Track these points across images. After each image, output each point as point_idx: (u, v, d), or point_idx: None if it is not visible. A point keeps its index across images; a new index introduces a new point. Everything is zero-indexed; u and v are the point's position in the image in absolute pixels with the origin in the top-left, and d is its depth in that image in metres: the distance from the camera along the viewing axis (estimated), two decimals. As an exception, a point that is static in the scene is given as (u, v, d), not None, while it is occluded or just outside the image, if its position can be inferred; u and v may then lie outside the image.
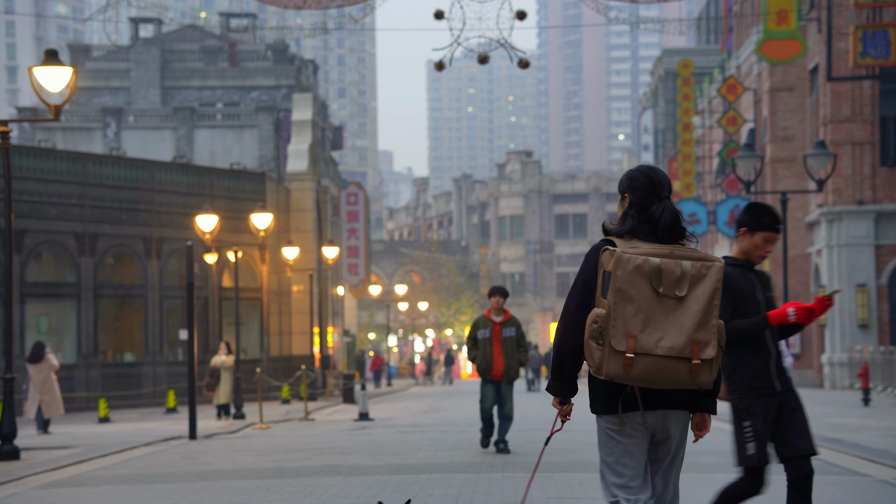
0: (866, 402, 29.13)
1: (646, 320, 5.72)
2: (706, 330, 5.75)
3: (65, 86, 18.17)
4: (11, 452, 18.49)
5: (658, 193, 5.95)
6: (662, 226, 5.87)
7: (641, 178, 5.98)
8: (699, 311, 5.75)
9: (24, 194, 36.48)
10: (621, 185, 6.05)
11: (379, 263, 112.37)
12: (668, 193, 5.99)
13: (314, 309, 46.38)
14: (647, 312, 5.73)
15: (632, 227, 5.91)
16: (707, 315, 5.75)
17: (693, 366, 5.72)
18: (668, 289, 5.74)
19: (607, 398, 5.90)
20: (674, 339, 5.72)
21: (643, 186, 5.96)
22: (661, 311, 5.74)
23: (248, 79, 67.91)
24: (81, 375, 38.30)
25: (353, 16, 29.68)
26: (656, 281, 5.74)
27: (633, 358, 5.69)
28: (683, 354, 5.71)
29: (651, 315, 5.73)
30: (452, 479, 13.68)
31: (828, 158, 29.35)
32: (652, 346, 5.70)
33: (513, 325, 17.09)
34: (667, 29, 33.19)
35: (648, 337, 5.71)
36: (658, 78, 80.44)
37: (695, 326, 5.73)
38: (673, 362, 5.71)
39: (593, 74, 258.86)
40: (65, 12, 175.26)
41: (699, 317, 5.74)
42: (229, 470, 15.85)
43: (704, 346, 5.74)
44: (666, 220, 5.87)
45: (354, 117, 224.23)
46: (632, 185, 5.99)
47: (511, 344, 17.01)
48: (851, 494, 12.17)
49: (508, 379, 17.07)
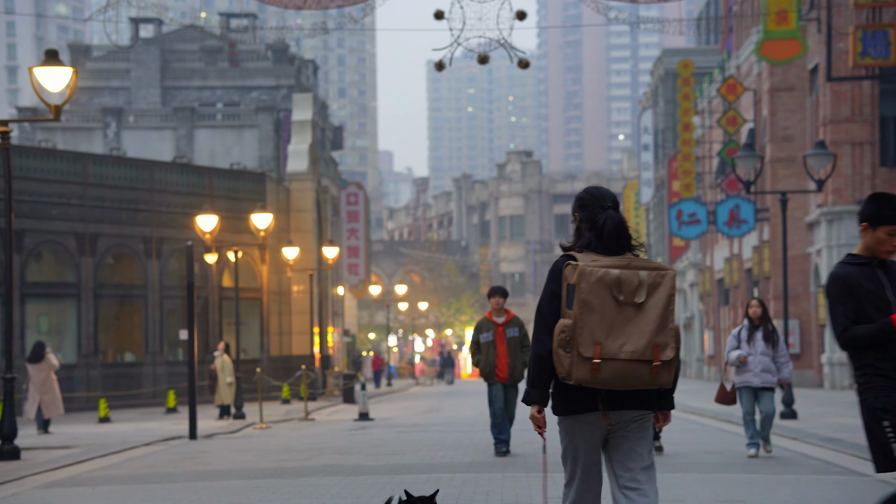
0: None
1: (609, 327, 6.17)
2: (664, 333, 6.20)
3: (65, 86, 18.18)
4: (12, 452, 18.50)
5: (602, 206, 6.40)
6: (606, 232, 6.31)
7: (587, 197, 6.47)
8: (657, 317, 6.21)
9: (24, 194, 36.49)
10: (573, 207, 6.52)
11: (379, 263, 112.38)
12: (613, 205, 6.42)
13: (314, 309, 46.40)
14: (610, 320, 6.17)
15: (588, 241, 6.35)
16: (664, 320, 6.22)
17: (654, 367, 6.17)
18: (627, 297, 6.19)
19: (571, 401, 6.28)
20: (635, 343, 6.16)
21: (589, 203, 6.44)
22: (622, 318, 6.19)
23: (249, 79, 67.93)
24: (82, 375, 38.32)
25: (353, 16, 29.70)
26: (616, 290, 6.18)
27: (600, 363, 6.13)
28: (645, 357, 6.16)
29: (614, 322, 6.18)
30: (452, 479, 13.70)
31: (827, 158, 29.36)
32: (616, 351, 6.14)
33: (516, 325, 16.75)
34: (667, 29, 33.20)
35: (612, 343, 6.15)
36: (658, 78, 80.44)
37: (654, 331, 6.19)
38: (635, 365, 6.16)
39: (593, 74, 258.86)
40: (65, 12, 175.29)
41: (657, 322, 6.20)
42: (229, 470, 15.86)
43: (663, 349, 6.19)
44: (609, 226, 6.31)
45: (354, 117, 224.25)
46: (580, 203, 6.48)
47: (515, 344, 16.66)
48: (851, 494, 12.20)
49: (513, 381, 16.70)
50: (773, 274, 45.76)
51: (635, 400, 6.32)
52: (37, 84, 18.26)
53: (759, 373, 15.59)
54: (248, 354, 44.36)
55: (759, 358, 15.59)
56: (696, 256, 66.02)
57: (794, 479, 13.47)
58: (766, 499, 11.75)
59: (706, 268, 61.83)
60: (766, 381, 15.61)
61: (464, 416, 29.08)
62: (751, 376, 15.62)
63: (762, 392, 15.68)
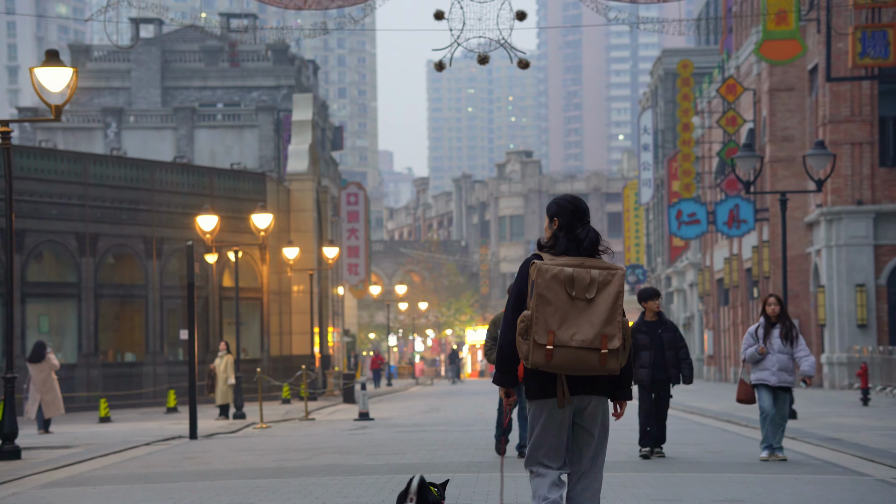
0: (865, 401, 29.17)
1: (562, 319, 6.98)
2: (612, 325, 7.00)
3: (65, 86, 18.21)
4: (13, 452, 18.52)
5: (582, 219, 7.27)
6: (587, 244, 7.18)
7: (568, 206, 7.28)
8: (606, 311, 7.01)
9: (24, 194, 36.52)
10: (550, 210, 7.30)
11: (379, 263, 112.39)
12: (589, 219, 7.32)
13: (314, 309, 46.41)
14: (563, 312, 6.99)
15: (565, 248, 7.17)
16: (613, 313, 7.01)
17: (602, 355, 6.97)
18: (579, 293, 7.01)
19: (538, 386, 7.08)
20: (585, 333, 6.97)
21: (569, 213, 7.26)
22: (574, 310, 7.00)
23: (249, 79, 67.95)
24: (82, 375, 38.35)
25: (354, 16, 29.71)
26: (570, 286, 7.00)
27: (553, 349, 6.94)
28: (594, 346, 6.96)
29: (566, 314, 6.99)
30: (452, 479, 13.72)
31: (827, 158, 29.37)
32: (567, 340, 6.96)
33: None
34: (666, 29, 33.20)
35: (564, 332, 6.97)
36: (658, 78, 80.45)
37: (602, 323, 6.99)
38: (585, 352, 6.96)
39: (593, 74, 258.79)
40: (65, 13, 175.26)
41: (606, 315, 7.00)
42: (230, 469, 15.88)
43: (611, 339, 6.99)
44: (590, 239, 7.19)
45: (354, 117, 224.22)
46: (560, 211, 7.27)
47: None
48: (851, 494, 12.21)
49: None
50: (773, 274, 45.77)
51: (595, 388, 7.12)
52: (37, 84, 18.29)
53: (776, 371, 15.24)
54: (248, 354, 44.38)
55: (777, 356, 15.23)
56: (695, 256, 66.04)
57: (793, 478, 13.48)
58: (765, 499, 11.77)
59: (706, 268, 61.84)
60: (783, 381, 15.24)
61: (464, 416, 29.11)
62: (767, 374, 15.27)
63: (779, 392, 15.33)
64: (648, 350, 15.93)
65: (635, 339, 15.75)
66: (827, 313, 39.69)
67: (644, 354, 15.97)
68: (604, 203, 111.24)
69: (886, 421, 23.22)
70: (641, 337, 15.97)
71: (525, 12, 23.88)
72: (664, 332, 15.98)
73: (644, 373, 15.97)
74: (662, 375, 15.89)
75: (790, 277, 38.93)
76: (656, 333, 15.96)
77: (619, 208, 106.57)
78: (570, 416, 7.12)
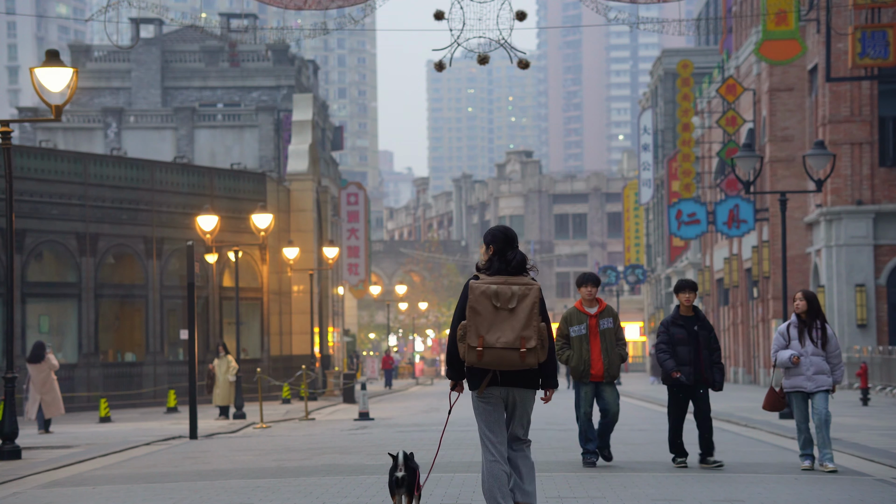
0: (865, 401, 29.18)
1: (489, 325, 8.87)
2: (529, 329, 8.84)
3: (66, 86, 18.22)
4: (13, 452, 18.54)
5: (511, 245, 9.09)
6: (514, 264, 9.00)
7: (500, 235, 9.12)
8: (524, 318, 8.86)
9: (25, 194, 36.55)
10: (486, 238, 9.13)
11: (379, 263, 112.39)
12: (517, 244, 9.10)
13: (314, 309, 46.43)
14: (490, 320, 8.88)
15: (498, 269, 9.01)
16: (529, 320, 8.85)
17: (521, 353, 8.84)
18: (503, 304, 8.88)
19: (477, 380, 9.02)
20: (508, 336, 8.84)
21: (502, 241, 9.09)
22: (499, 319, 8.88)
23: (249, 79, 67.97)
24: (82, 375, 38.36)
25: (354, 16, 29.72)
26: (495, 300, 8.88)
27: (483, 350, 8.83)
28: (515, 346, 8.83)
29: (493, 322, 8.87)
30: (452, 479, 13.73)
31: (827, 158, 29.37)
32: (494, 342, 8.85)
33: (609, 316, 14.91)
34: (666, 29, 33.21)
35: (491, 336, 8.85)
36: (657, 78, 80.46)
37: (521, 327, 8.84)
38: (508, 352, 8.85)
39: (593, 75, 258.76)
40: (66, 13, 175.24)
41: (524, 321, 8.85)
42: (230, 469, 15.89)
43: (528, 340, 8.83)
44: (517, 260, 9.01)
45: (354, 117, 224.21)
46: (494, 239, 9.10)
47: (610, 337, 14.86)
48: (850, 493, 12.22)
49: (609, 377, 14.90)
50: (773, 274, 45.79)
51: (524, 380, 9.04)
52: (38, 84, 18.30)
53: (811, 376, 14.06)
54: (248, 354, 44.39)
55: (811, 359, 14.02)
56: (695, 256, 66.05)
57: (793, 478, 13.50)
58: (765, 499, 11.79)
59: (706, 268, 61.86)
60: (820, 385, 14.09)
61: (464, 416, 29.08)
62: (802, 380, 14.08)
63: (815, 394, 14.14)
64: (687, 346, 14.56)
65: (671, 332, 14.58)
66: (827, 313, 39.70)
67: (682, 350, 14.60)
68: (604, 203, 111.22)
69: (886, 421, 23.22)
70: (678, 330, 14.65)
71: (525, 12, 23.88)
72: (700, 329, 14.62)
73: (686, 371, 14.56)
74: (701, 375, 14.53)
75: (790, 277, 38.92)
76: (692, 329, 14.60)
77: (619, 208, 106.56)
78: (502, 402, 9.08)
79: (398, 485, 9.74)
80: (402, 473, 9.73)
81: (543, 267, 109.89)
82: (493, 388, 9.02)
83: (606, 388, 14.98)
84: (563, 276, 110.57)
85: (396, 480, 9.73)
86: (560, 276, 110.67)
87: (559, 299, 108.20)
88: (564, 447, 17.83)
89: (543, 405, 13.50)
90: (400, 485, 9.71)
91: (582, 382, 14.95)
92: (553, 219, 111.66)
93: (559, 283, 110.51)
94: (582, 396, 15.00)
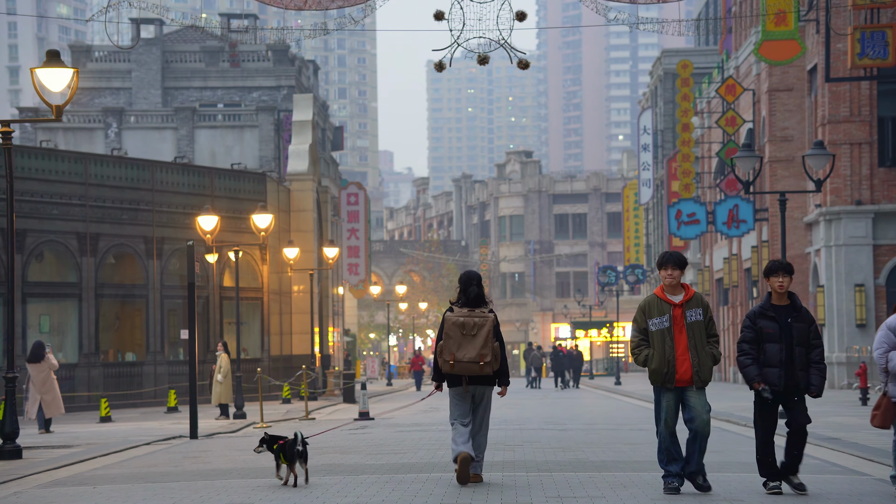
0: (864, 401, 29.21)
1: (458, 346, 13.04)
2: (486, 348, 13.00)
3: (66, 86, 18.26)
4: (14, 451, 18.57)
5: (472, 283, 13.21)
6: (472, 298, 13.18)
7: (464, 278, 13.27)
8: (482, 341, 13.01)
9: (25, 194, 36.57)
10: (459, 280, 13.30)
11: (379, 263, 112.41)
12: (478, 283, 13.26)
13: (314, 309, 46.45)
14: (458, 342, 13.05)
15: (464, 302, 13.19)
16: (486, 342, 12.99)
17: (480, 365, 13.02)
18: (468, 331, 13.03)
19: (450, 380, 13.27)
20: (471, 353, 13.02)
21: (465, 282, 13.25)
22: (466, 341, 13.04)
23: (249, 79, 67.98)
24: (83, 375, 38.39)
25: (354, 16, 29.75)
26: (461, 328, 13.04)
27: (454, 363, 13.02)
28: (475, 360, 13.02)
29: (461, 343, 13.04)
30: (452, 479, 13.75)
31: (826, 159, 29.41)
32: (462, 357, 13.03)
33: (699, 306, 12.01)
34: (666, 29, 33.25)
35: (460, 353, 13.03)
36: (657, 78, 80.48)
37: (480, 347, 13.02)
38: (471, 364, 13.04)
39: (593, 75, 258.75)
40: (66, 13, 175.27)
41: (482, 343, 13.01)
42: (230, 469, 15.92)
43: (485, 356, 13.00)
44: (473, 294, 13.17)
45: (355, 117, 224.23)
46: (461, 281, 13.26)
47: (699, 332, 11.94)
48: (851, 494, 12.24)
49: (700, 382, 11.91)
50: (773, 274, 45.74)
51: (484, 380, 13.23)
52: (38, 84, 18.34)
53: None
54: (248, 354, 44.42)
55: None
56: (695, 256, 66.07)
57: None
58: (765, 498, 11.81)
59: (705, 268, 61.89)
60: None
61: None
62: None
63: None
64: (777, 343, 11.81)
65: (759, 327, 11.82)
66: (826, 313, 39.73)
67: (772, 349, 11.83)
68: (603, 203, 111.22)
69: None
70: (767, 324, 11.87)
71: (525, 12, 23.91)
72: (795, 321, 11.85)
73: (774, 374, 11.80)
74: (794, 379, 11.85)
75: (790, 277, 38.90)
76: (786, 322, 11.82)
77: (618, 208, 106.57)
78: (469, 396, 13.24)
79: (299, 456, 13.20)
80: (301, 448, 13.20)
81: (543, 267, 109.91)
82: (460, 387, 13.25)
83: (694, 395, 11.97)
84: (563, 276, 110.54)
85: (297, 452, 13.19)
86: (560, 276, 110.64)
87: (559, 299, 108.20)
88: (564, 447, 17.85)
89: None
90: (300, 456, 13.23)
91: (665, 388, 12.00)
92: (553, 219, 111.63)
93: (559, 283, 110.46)
94: (664, 405, 12.03)
